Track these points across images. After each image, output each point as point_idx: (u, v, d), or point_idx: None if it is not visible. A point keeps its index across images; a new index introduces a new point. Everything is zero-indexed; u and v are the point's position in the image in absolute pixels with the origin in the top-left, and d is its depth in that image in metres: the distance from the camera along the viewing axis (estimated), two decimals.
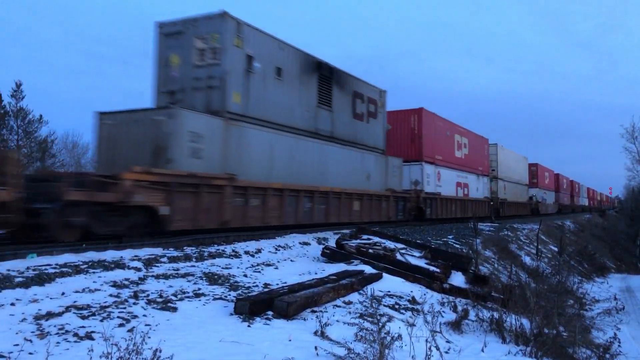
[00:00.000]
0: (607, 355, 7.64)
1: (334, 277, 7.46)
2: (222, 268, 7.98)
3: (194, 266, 7.89)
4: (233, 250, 9.49)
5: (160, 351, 3.69)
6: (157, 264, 7.67)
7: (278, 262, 9.21)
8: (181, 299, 5.79)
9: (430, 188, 22.96)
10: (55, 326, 4.44)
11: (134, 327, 4.53)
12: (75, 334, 4.28)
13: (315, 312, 5.85)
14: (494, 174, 34.60)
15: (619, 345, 8.32)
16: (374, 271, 8.59)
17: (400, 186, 20.51)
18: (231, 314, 5.40)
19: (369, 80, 19.16)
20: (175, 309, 5.38)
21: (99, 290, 5.84)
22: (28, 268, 6.45)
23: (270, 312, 5.49)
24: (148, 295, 5.80)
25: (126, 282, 6.33)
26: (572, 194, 69.66)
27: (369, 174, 17.99)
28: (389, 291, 7.70)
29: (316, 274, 8.22)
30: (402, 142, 22.97)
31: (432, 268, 9.40)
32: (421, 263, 9.74)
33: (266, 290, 6.61)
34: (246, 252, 9.53)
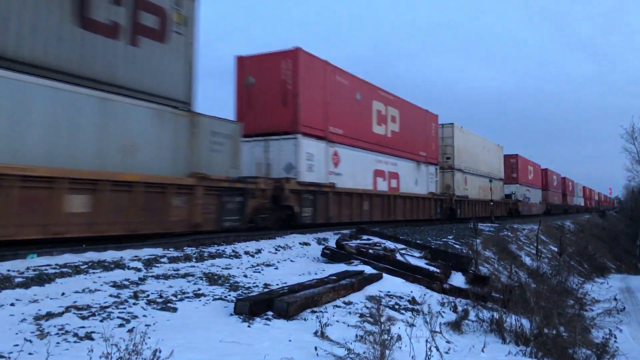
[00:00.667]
0: (607, 357, 7.63)
1: (334, 277, 7.46)
2: (222, 268, 7.98)
3: (194, 266, 7.89)
4: (233, 251, 9.49)
5: (160, 351, 3.68)
6: (157, 264, 7.67)
7: (278, 262, 9.21)
8: (181, 299, 5.78)
9: (317, 176, 14.78)
10: (55, 326, 4.44)
11: (133, 327, 4.53)
12: (75, 335, 4.28)
13: (315, 312, 5.85)
14: (449, 164, 26.62)
15: (615, 341, 8.32)
16: (374, 271, 8.59)
17: (237, 171, 11.97)
18: (231, 314, 5.39)
19: None
20: (175, 309, 5.38)
21: (99, 290, 5.84)
22: (28, 268, 6.46)
23: (270, 313, 5.49)
24: (148, 295, 5.80)
25: (126, 283, 6.33)
26: (565, 192, 63.88)
27: (134, 143, 9.35)
28: (389, 291, 7.70)
29: (316, 274, 8.22)
30: (269, 104, 14.35)
31: (432, 268, 9.40)
32: (421, 263, 9.74)
33: (266, 290, 6.61)
34: (246, 253, 9.53)
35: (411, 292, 7.95)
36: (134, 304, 5.39)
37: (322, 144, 15.33)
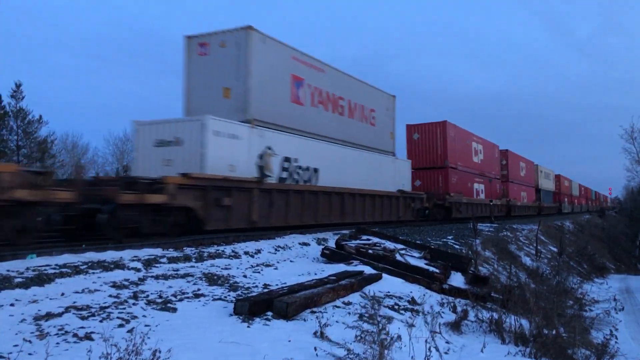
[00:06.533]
0: (607, 357, 7.63)
1: (334, 277, 7.46)
2: (222, 269, 7.98)
3: (193, 267, 7.89)
4: (233, 251, 9.48)
5: (160, 352, 3.69)
6: (156, 265, 7.67)
7: (277, 262, 9.21)
8: (181, 300, 5.79)
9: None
10: (54, 327, 4.44)
11: (133, 327, 4.53)
12: (75, 335, 4.28)
13: (314, 312, 5.85)
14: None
15: (616, 342, 8.32)
16: (373, 272, 8.59)
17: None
18: (231, 315, 5.39)
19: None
20: (174, 310, 5.38)
21: (99, 290, 5.84)
22: (28, 268, 6.45)
23: (269, 313, 5.49)
24: (147, 295, 5.80)
25: (126, 283, 6.33)
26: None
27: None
28: (388, 292, 7.70)
29: (316, 274, 8.22)
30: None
31: (431, 269, 9.40)
32: (421, 264, 9.75)
33: (266, 290, 6.61)
34: (246, 253, 9.53)
35: (411, 292, 7.95)
36: (133, 304, 5.39)
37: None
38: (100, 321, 4.71)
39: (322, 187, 15.32)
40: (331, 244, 10.98)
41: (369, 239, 11.45)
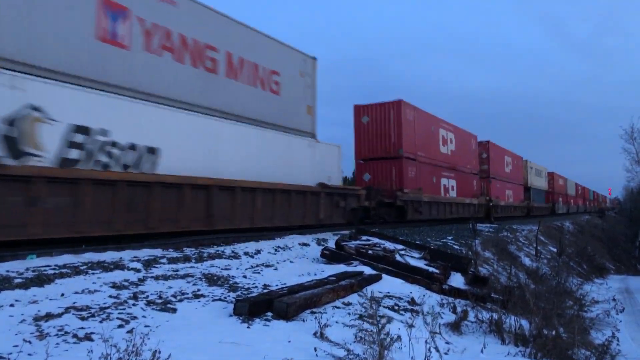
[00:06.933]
0: (607, 357, 7.63)
1: (334, 278, 7.46)
2: (222, 269, 7.98)
3: (193, 267, 7.89)
4: (232, 251, 9.49)
5: (160, 352, 3.69)
6: (156, 265, 7.67)
7: (277, 263, 9.21)
8: (180, 300, 5.79)
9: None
10: (54, 327, 4.44)
11: (133, 328, 4.53)
12: (75, 335, 4.28)
13: (314, 313, 5.86)
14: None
15: (617, 344, 8.33)
16: (373, 272, 8.59)
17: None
18: (230, 315, 5.39)
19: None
20: (174, 310, 5.38)
21: (98, 291, 5.84)
22: (27, 269, 6.45)
23: (269, 313, 5.49)
24: (147, 296, 5.80)
25: (125, 283, 6.33)
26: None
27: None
28: (388, 292, 7.70)
29: (315, 275, 8.22)
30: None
31: (431, 269, 9.41)
32: (420, 264, 9.75)
33: (265, 291, 6.60)
34: (246, 253, 9.53)
35: (410, 292, 7.95)
36: (133, 304, 5.39)
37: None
38: (100, 322, 4.71)
39: (162, 175, 9.76)
40: (331, 244, 10.98)
41: (368, 240, 11.46)
